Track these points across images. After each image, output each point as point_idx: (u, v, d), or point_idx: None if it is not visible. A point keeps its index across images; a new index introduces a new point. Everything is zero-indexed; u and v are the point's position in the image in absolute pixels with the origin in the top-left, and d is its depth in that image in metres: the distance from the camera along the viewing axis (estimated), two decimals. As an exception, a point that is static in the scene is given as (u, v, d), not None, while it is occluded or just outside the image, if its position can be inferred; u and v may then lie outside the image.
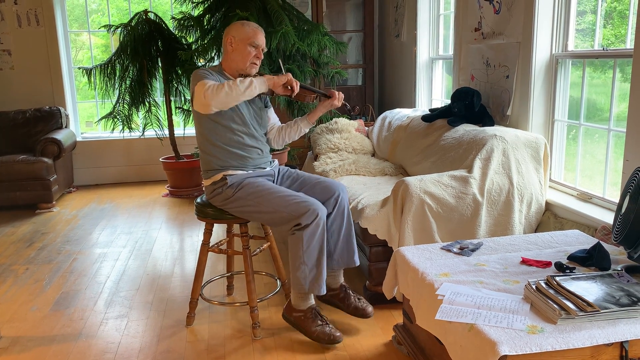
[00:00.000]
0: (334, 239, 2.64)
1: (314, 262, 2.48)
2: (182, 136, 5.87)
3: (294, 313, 2.59)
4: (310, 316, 2.55)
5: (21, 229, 4.52)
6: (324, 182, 2.69)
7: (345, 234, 2.65)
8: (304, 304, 2.57)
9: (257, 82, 2.51)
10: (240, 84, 2.46)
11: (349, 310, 2.70)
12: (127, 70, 5.24)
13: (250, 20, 4.02)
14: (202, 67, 2.65)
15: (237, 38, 2.62)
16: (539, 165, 3.04)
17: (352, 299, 2.71)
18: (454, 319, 1.76)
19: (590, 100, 3.05)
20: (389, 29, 5.68)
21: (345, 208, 2.66)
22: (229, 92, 2.44)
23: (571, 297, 1.72)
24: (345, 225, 2.65)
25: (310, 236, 2.45)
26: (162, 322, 2.86)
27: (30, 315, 2.96)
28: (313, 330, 2.53)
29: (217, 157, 2.64)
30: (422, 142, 3.59)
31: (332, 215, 2.63)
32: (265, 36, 2.72)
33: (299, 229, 2.45)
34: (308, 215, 2.43)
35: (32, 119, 5.49)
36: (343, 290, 2.74)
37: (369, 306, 2.70)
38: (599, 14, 2.88)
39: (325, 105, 2.76)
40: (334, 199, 2.62)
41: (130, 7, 6.18)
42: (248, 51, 2.62)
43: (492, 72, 3.62)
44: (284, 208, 2.47)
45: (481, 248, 2.35)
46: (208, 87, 2.44)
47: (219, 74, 2.65)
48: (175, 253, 3.88)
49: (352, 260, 2.68)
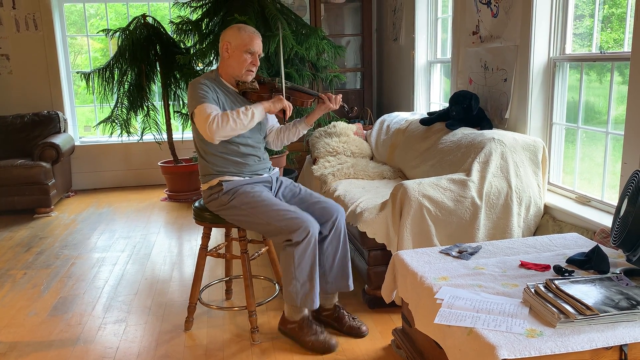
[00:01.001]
0: (329, 263, 2.63)
1: (305, 278, 2.48)
2: (180, 140, 5.87)
3: (288, 325, 2.60)
4: (304, 326, 2.55)
5: (19, 234, 4.51)
6: (324, 203, 2.67)
7: (340, 258, 2.65)
8: (297, 315, 2.57)
9: (257, 112, 2.52)
10: (244, 118, 2.47)
11: (343, 330, 2.70)
12: (126, 75, 5.24)
13: (249, 24, 4.02)
14: (198, 78, 2.63)
15: (233, 44, 2.60)
16: (538, 169, 3.04)
17: (347, 318, 2.71)
18: (452, 322, 1.75)
19: (588, 103, 3.05)
20: (387, 33, 5.69)
21: (342, 232, 2.64)
22: (233, 127, 2.44)
23: (570, 300, 1.72)
24: (341, 249, 2.64)
25: (302, 253, 2.44)
26: (160, 327, 2.85)
27: (28, 321, 2.95)
28: (307, 341, 2.53)
29: (214, 163, 2.63)
30: (420, 146, 3.59)
31: (329, 238, 2.62)
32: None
33: (290, 244, 2.45)
34: (299, 232, 2.42)
35: (30, 123, 5.49)
36: (337, 310, 2.74)
37: (363, 325, 2.70)
38: (597, 17, 2.89)
39: (323, 108, 2.74)
40: (332, 222, 2.61)
41: (128, 11, 6.19)
42: (244, 58, 2.60)
43: (490, 75, 3.62)
44: (276, 222, 2.46)
45: (480, 251, 2.34)
46: (212, 119, 2.42)
47: (215, 84, 2.63)
48: (174, 257, 3.87)
49: (346, 286, 2.68)
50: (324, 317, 2.75)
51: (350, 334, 2.68)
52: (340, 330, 2.70)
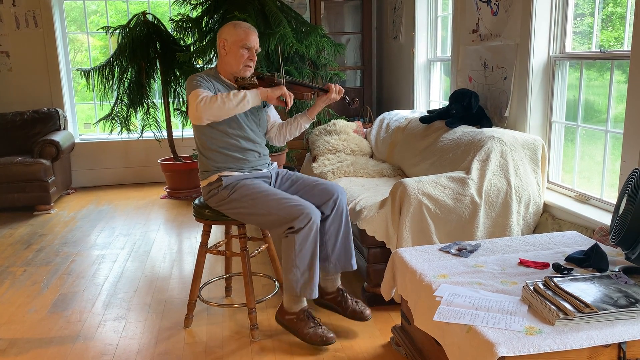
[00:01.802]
0: (332, 242, 2.63)
1: (306, 266, 2.47)
2: (180, 138, 5.87)
3: (286, 316, 2.59)
4: (302, 318, 2.55)
5: (19, 231, 4.51)
6: (323, 184, 2.68)
7: (343, 237, 2.64)
8: (295, 306, 2.57)
9: (250, 95, 2.49)
10: (234, 98, 2.45)
11: (346, 314, 2.70)
12: (126, 72, 5.24)
13: (249, 22, 4.02)
14: (197, 73, 2.64)
15: (230, 41, 2.61)
16: (537, 167, 3.05)
17: (350, 302, 2.71)
18: (452, 320, 1.76)
19: (588, 101, 3.06)
20: (387, 31, 5.69)
21: (344, 211, 2.65)
22: (221, 105, 2.42)
23: (569, 298, 1.72)
24: (344, 228, 2.64)
25: (303, 240, 2.44)
26: (160, 324, 2.85)
27: (28, 317, 2.96)
28: (306, 332, 2.52)
29: (214, 159, 2.64)
30: (420, 144, 3.59)
31: (330, 218, 2.62)
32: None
33: (292, 232, 2.45)
34: (301, 219, 2.42)
35: (30, 120, 5.48)
36: (340, 293, 2.73)
37: (366, 309, 2.69)
38: (596, 16, 2.89)
39: (324, 100, 2.73)
40: (333, 202, 2.61)
41: (128, 8, 6.18)
42: (241, 54, 2.60)
43: (490, 73, 3.63)
44: (277, 211, 2.47)
45: (479, 249, 2.35)
46: (201, 99, 2.42)
47: (214, 79, 2.64)
48: (174, 255, 3.88)
49: (349, 264, 2.67)
50: (328, 301, 2.75)
51: (354, 317, 2.68)
52: (343, 314, 2.70)
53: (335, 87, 2.70)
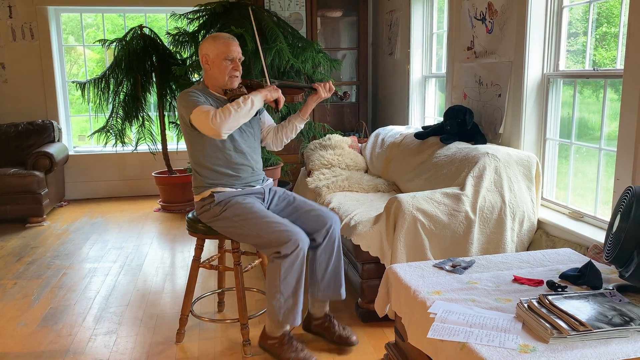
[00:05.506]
0: (322, 270, 2.62)
1: (290, 293, 2.45)
2: (175, 151, 5.86)
3: (268, 340, 2.56)
4: (284, 342, 2.52)
5: (10, 243, 4.47)
6: (318, 210, 2.66)
7: (334, 265, 2.64)
8: (277, 331, 2.54)
9: (256, 100, 2.52)
10: (244, 106, 2.46)
11: (332, 339, 2.68)
12: (121, 85, 5.24)
13: (246, 37, 4.04)
14: (187, 89, 2.63)
15: (211, 55, 2.59)
16: (531, 184, 3.06)
17: (337, 327, 2.69)
18: (446, 337, 1.74)
19: (581, 119, 3.08)
20: (383, 47, 5.73)
21: (337, 240, 2.64)
22: (235, 115, 2.43)
23: (563, 316, 1.72)
24: (335, 257, 2.63)
25: (289, 266, 2.42)
26: (151, 339, 2.82)
27: (18, 331, 2.92)
28: (287, 358, 2.49)
29: (206, 176, 2.63)
30: (415, 159, 3.60)
31: (322, 246, 2.61)
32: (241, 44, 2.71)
33: (278, 257, 2.43)
34: (289, 245, 2.40)
35: (24, 132, 5.47)
36: (328, 319, 2.72)
37: (353, 335, 2.68)
38: (590, 35, 2.92)
39: (315, 99, 2.75)
40: (326, 230, 2.60)
41: (125, 22, 6.21)
42: (224, 66, 2.59)
43: (484, 90, 3.65)
44: (266, 234, 2.45)
45: (473, 266, 2.34)
46: (214, 114, 2.41)
47: (204, 93, 2.63)
48: (166, 269, 3.85)
49: (338, 294, 2.67)
50: (315, 327, 2.73)
51: (340, 343, 2.66)
52: (330, 339, 2.68)
53: (323, 85, 2.73)
